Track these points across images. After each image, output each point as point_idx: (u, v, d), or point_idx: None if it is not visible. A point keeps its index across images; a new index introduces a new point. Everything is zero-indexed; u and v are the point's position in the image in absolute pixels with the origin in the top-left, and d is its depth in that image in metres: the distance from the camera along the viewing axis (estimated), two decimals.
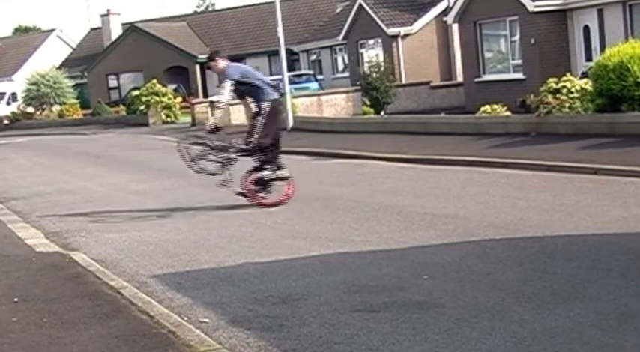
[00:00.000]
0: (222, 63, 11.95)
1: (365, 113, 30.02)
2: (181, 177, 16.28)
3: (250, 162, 11.90)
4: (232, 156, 11.78)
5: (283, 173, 11.81)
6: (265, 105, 11.62)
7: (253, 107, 11.77)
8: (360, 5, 38.39)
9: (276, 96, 11.82)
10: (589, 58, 24.63)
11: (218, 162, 11.78)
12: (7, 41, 64.47)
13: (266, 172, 11.76)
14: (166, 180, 16.04)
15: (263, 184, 11.77)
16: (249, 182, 11.75)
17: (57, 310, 6.58)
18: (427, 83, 34.80)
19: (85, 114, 46.18)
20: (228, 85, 11.57)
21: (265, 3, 47.91)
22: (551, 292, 6.32)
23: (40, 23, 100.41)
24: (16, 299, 6.98)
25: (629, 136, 14.35)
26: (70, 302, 6.83)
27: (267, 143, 11.63)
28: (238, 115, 31.37)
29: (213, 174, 11.83)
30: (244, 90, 11.77)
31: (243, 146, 11.74)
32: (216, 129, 11.88)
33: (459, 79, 33.94)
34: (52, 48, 61.05)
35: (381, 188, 12.72)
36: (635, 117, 14.91)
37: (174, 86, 45.36)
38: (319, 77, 43.02)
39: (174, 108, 38.00)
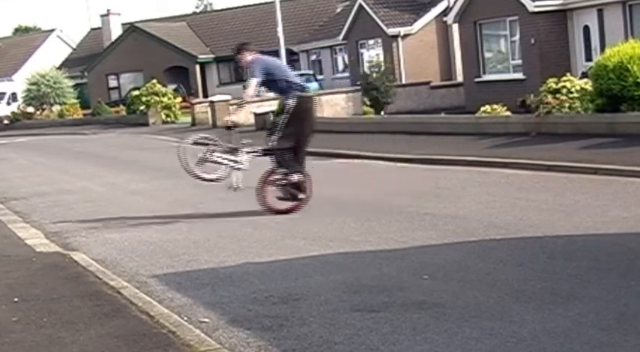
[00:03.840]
0: (248, 56, 11.11)
1: (365, 113, 30.01)
2: (181, 177, 16.26)
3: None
4: (240, 158, 11.09)
5: (294, 177, 10.96)
6: (290, 102, 10.87)
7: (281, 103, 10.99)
8: (360, 5, 38.39)
9: (305, 93, 11.02)
10: (589, 58, 24.63)
11: (224, 164, 11.12)
12: (7, 41, 64.46)
13: (285, 176, 11.00)
14: (166, 179, 16.03)
15: (282, 187, 11.06)
16: (265, 185, 11.08)
17: (57, 310, 6.58)
18: (427, 83, 34.80)
19: (85, 114, 46.18)
20: (252, 83, 10.93)
21: (265, 3, 47.92)
22: (551, 292, 6.32)
23: (40, 23, 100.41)
24: (16, 299, 6.98)
25: (629, 136, 14.34)
26: (70, 302, 6.83)
27: (287, 145, 10.85)
28: (238, 115, 31.39)
29: (212, 181, 11.23)
30: (270, 85, 11.09)
31: (259, 147, 11.22)
32: (233, 126, 11.37)
33: (459, 79, 33.94)
34: (52, 48, 61.05)
35: (381, 188, 12.72)
36: (635, 117, 14.91)
37: (174, 86, 45.36)
38: (319, 77, 43.00)
39: (174, 109, 38.00)
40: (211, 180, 11.25)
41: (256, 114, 27.70)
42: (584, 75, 19.58)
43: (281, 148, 10.89)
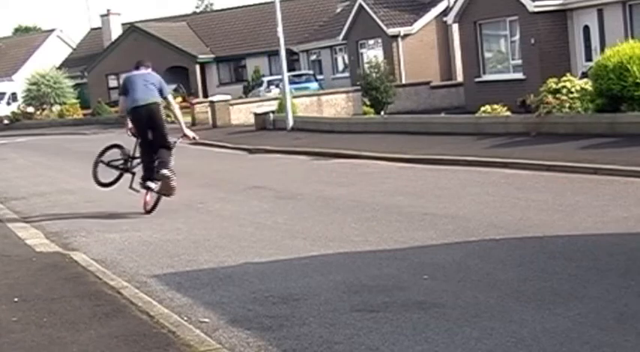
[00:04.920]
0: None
1: (365, 113, 30.03)
2: (181, 177, 16.28)
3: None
4: (133, 164, 12.50)
5: (150, 184, 11.97)
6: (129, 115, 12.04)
7: None
8: (360, 5, 38.40)
9: (136, 104, 11.80)
10: (589, 58, 24.65)
11: (118, 170, 12.62)
12: (7, 41, 64.44)
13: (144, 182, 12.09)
14: None
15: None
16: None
17: (57, 310, 6.58)
18: (427, 83, 34.81)
19: (85, 114, 46.18)
20: (120, 100, 12.66)
21: (265, 3, 47.89)
22: (551, 292, 6.32)
23: (40, 23, 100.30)
24: (16, 299, 6.98)
25: (629, 136, 14.34)
26: (70, 302, 6.84)
27: (143, 154, 12.08)
28: (238, 115, 31.47)
29: (106, 185, 12.71)
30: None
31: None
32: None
33: (459, 79, 33.96)
34: (52, 48, 61.02)
35: (381, 188, 12.72)
36: (635, 117, 14.91)
37: (174, 86, 45.35)
38: (319, 77, 43.00)
39: None
40: (107, 185, 12.75)
41: (256, 115, 27.71)
42: (584, 75, 19.58)
43: (138, 156, 12.29)
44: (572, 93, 16.83)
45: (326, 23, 46.22)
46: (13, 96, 55.57)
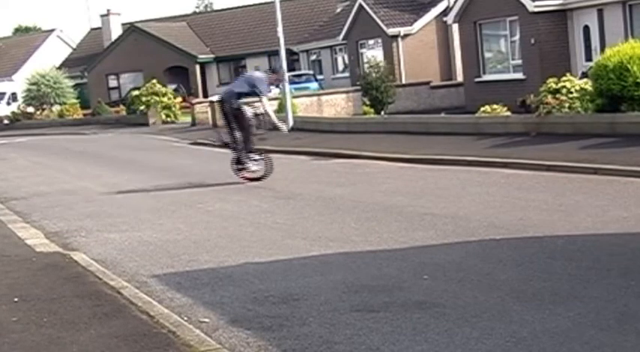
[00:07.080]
0: None
1: (365, 113, 30.00)
2: (181, 177, 16.30)
3: None
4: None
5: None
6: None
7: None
8: (360, 5, 38.39)
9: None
10: (589, 58, 24.63)
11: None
12: (7, 41, 64.45)
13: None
14: (167, 180, 16.03)
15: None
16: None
17: (57, 310, 6.58)
18: (427, 83, 34.78)
19: (85, 114, 46.15)
20: None
21: (265, 3, 47.94)
22: (551, 292, 6.32)
23: (40, 23, 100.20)
24: (16, 299, 6.98)
25: (629, 136, 14.35)
26: (70, 302, 6.84)
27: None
28: None
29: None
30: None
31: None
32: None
33: (459, 79, 33.93)
34: (52, 48, 61.04)
35: (381, 188, 12.72)
36: (635, 117, 14.91)
37: (174, 86, 45.35)
38: (319, 77, 42.99)
39: (174, 108, 38.00)
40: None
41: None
42: (584, 75, 19.57)
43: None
44: (572, 93, 16.83)
45: (326, 23, 46.22)
46: (13, 96, 55.57)
